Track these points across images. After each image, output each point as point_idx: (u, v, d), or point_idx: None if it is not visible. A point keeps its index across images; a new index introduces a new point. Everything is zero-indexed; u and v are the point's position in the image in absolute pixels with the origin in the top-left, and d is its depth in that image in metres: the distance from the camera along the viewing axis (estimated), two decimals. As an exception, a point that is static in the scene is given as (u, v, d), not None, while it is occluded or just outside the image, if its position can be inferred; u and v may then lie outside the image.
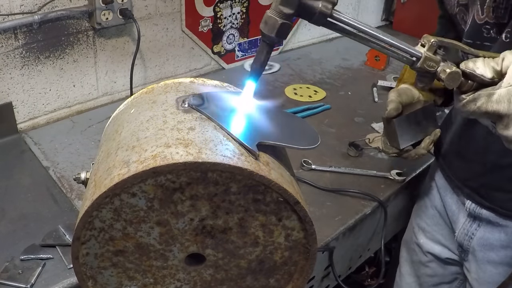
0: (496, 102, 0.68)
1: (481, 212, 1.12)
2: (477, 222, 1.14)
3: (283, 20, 0.67)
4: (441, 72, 0.72)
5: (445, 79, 0.72)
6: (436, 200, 1.28)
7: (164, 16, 1.74)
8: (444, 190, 1.25)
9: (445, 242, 1.28)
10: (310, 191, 1.37)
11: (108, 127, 0.80)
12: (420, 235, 1.33)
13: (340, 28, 0.71)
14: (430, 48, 0.72)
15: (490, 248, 1.13)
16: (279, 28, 0.68)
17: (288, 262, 0.72)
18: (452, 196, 1.21)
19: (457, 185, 1.17)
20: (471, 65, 0.71)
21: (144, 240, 0.66)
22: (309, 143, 0.71)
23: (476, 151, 1.09)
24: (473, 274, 1.19)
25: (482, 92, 0.70)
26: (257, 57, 0.72)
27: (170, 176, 0.60)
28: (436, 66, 0.72)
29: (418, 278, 1.38)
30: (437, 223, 1.29)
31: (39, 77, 1.51)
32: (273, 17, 0.68)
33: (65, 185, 1.30)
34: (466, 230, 1.17)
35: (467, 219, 1.16)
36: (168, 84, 0.80)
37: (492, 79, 0.70)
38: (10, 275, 1.01)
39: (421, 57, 0.72)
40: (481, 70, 0.70)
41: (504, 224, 1.08)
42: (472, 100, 0.71)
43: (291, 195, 0.64)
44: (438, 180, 1.27)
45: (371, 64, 2.20)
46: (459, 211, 1.19)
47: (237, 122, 0.69)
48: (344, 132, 1.67)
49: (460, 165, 1.16)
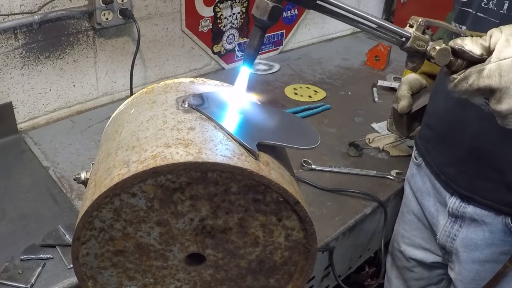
0: (487, 77, 0.69)
1: (465, 211, 1.09)
2: (459, 222, 1.12)
3: (274, 3, 0.69)
4: (431, 50, 0.73)
5: (435, 55, 0.72)
6: (413, 205, 1.26)
7: (164, 16, 1.74)
8: (420, 193, 1.22)
9: (427, 246, 1.25)
10: (310, 191, 1.37)
11: (108, 127, 0.80)
12: (400, 242, 1.32)
13: (329, 10, 0.72)
14: (418, 28, 0.74)
15: (474, 248, 1.11)
16: (270, 11, 0.69)
17: (288, 262, 0.72)
18: (429, 198, 1.19)
19: (436, 171, 1.15)
20: (459, 41, 0.72)
21: (144, 240, 0.66)
22: (309, 143, 0.71)
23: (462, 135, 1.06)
24: (457, 274, 1.17)
25: (472, 69, 0.71)
26: (250, 42, 0.73)
27: (170, 176, 0.60)
28: (425, 45, 0.74)
29: (405, 282, 1.37)
30: (416, 227, 1.27)
31: (39, 77, 1.51)
32: (264, 0, 0.69)
33: (65, 185, 1.30)
34: (448, 232, 1.14)
35: (447, 220, 1.14)
36: (168, 84, 0.80)
37: (481, 56, 0.71)
38: (10, 275, 1.01)
39: (410, 37, 0.73)
40: (470, 46, 0.71)
41: (488, 221, 1.06)
42: (463, 79, 0.71)
43: (291, 195, 0.64)
44: (414, 184, 1.25)
45: (371, 64, 2.20)
46: (438, 213, 1.17)
47: (237, 122, 0.69)
48: (344, 132, 1.67)
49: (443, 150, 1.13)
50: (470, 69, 0.71)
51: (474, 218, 1.08)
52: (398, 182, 1.44)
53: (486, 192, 1.04)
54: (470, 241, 1.11)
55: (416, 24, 0.74)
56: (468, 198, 1.08)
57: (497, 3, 0.93)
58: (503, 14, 0.92)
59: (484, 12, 0.96)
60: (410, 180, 1.28)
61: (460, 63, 0.73)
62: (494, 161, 1.01)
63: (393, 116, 1.31)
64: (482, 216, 1.07)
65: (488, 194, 1.04)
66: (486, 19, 0.95)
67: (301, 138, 0.74)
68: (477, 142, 1.03)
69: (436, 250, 1.24)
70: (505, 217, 1.04)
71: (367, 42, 2.44)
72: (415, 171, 1.25)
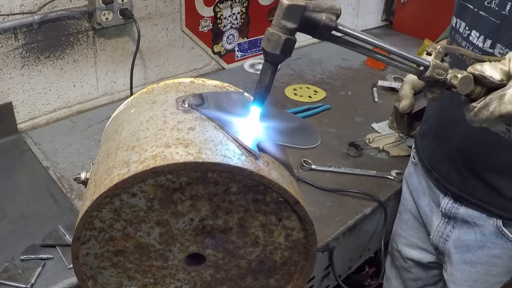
0: (509, 103, 0.67)
1: (457, 212, 1.09)
2: (452, 223, 1.12)
3: (287, 36, 0.64)
4: (452, 78, 0.70)
5: (457, 84, 0.69)
6: (410, 203, 1.26)
7: (164, 16, 1.74)
8: (416, 192, 1.23)
9: (423, 245, 1.25)
10: (310, 191, 1.37)
11: (108, 127, 0.80)
12: (398, 241, 1.32)
13: (344, 41, 0.69)
14: (437, 56, 0.71)
15: (466, 250, 1.10)
16: (283, 45, 0.64)
17: (288, 262, 0.72)
18: (424, 198, 1.19)
19: (428, 168, 1.14)
20: (479, 67, 0.70)
21: (144, 240, 0.66)
22: (309, 143, 0.71)
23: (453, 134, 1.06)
24: (449, 275, 1.17)
25: (493, 95, 0.68)
26: (261, 79, 0.68)
27: (170, 176, 0.60)
28: (445, 73, 0.70)
29: (404, 282, 1.37)
30: (413, 227, 1.27)
31: (39, 77, 1.51)
32: (276, 33, 0.64)
33: (65, 185, 1.30)
34: (441, 232, 1.15)
35: (441, 221, 1.14)
36: (168, 84, 0.80)
37: (501, 81, 0.68)
38: (10, 275, 1.01)
39: (429, 66, 0.70)
40: (490, 72, 0.69)
41: (480, 223, 1.06)
42: (484, 106, 0.69)
43: (291, 195, 0.64)
44: (411, 183, 1.25)
45: (371, 64, 2.20)
46: (432, 213, 1.17)
47: (237, 122, 0.68)
48: (344, 132, 1.67)
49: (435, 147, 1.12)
50: (490, 96, 0.69)
51: (466, 219, 1.08)
52: (398, 182, 1.44)
53: (477, 193, 1.04)
54: (462, 242, 1.11)
55: (435, 51, 0.71)
56: (460, 197, 1.07)
57: (500, 3, 0.91)
58: (505, 15, 0.90)
59: (485, 11, 0.95)
60: (407, 179, 1.28)
61: (479, 91, 0.70)
62: (484, 162, 1.01)
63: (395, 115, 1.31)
64: (474, 218, 1.07)
65: (479, 195, 1.04)
66: (486, 18, 0.94)
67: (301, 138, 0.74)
68: (468, 143, 1.02)
69: (432, 249, 1.24)
70: (497, 219, 1.03)
71: (367, 42, 2.44)
72: (412, 170, 1.25)
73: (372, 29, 2.62)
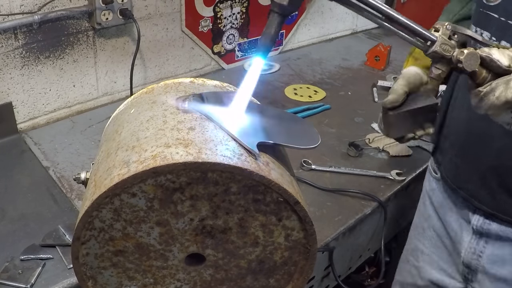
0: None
1: (490, 228, 1.04)
2: (484, 238, 1.06)
3: None
4: (459, 54, 0.69)
5: (463, 59, 0.68)
6: (434, 221, 1.20)
7: (164, 16, 1.74)
8: (442, 209, 1.16)
9: (444, 266, 1.19)
10: (310, 191, 1.37)
11: (108, 127, 0.80)
12: (419, 258, 1.26)
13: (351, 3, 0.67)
14: (445, 33, 0.70)
15: (502, 264, 1.05)
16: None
17: (288, 262, 0.72)
18: (452, 214, 1.13)
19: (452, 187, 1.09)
20: (487, 49, 0.69)
21: (144, 240, 0.66)
22: (309, 143, 0.71)
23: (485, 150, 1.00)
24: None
25: (499, 80, 0.68)
26: (266, 30, 0.66)
27: (170, 176, 0.60)
28: (452, 50, 0.69)
29: None
30: (436, 245, 1.21)
31: (39, 77, 1.51)
32: None
33: (65, 185, 1.30)
34: (473, 249, 1.08)
35: (472, 237, 1.08)
36: (168, 84, 0.80)
37: (508, 67, 0.67)
38: (10, 275, 1.01)
39: (436, 41, 0.69)
40: (497, 56, 0.68)
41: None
42: (490, 91, 0.68)
43: (291, 195, 0.64)
44: (436, 199, 1.19)
45: (371, 64, 2.20)
46: (461, 229, 1.10)
47: (237, 122, 0.68)
48: (344, 132, 1.67)
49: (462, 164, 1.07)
50: (497, 80, 0.68)
51: (500, 235, 1.03)
52: (398, 182, 1.44)
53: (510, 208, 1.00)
54: (497, 256, 1.05)
55: (443, 27, 0.70)
56: (491, 215, 1.03)
57: None
58: None
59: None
60: (431, 195, 1.21)
61: (485, 76, 0.69)
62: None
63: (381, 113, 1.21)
64: (507, 233, 1.02)
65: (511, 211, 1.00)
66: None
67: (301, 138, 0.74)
68: (501, 158, 0.98)
69: (453, 272, 1.17)
70: None
71: (367, 42, 2.44)
72: (435, 186, 1.19)
73: (372, 29, 2.62)
